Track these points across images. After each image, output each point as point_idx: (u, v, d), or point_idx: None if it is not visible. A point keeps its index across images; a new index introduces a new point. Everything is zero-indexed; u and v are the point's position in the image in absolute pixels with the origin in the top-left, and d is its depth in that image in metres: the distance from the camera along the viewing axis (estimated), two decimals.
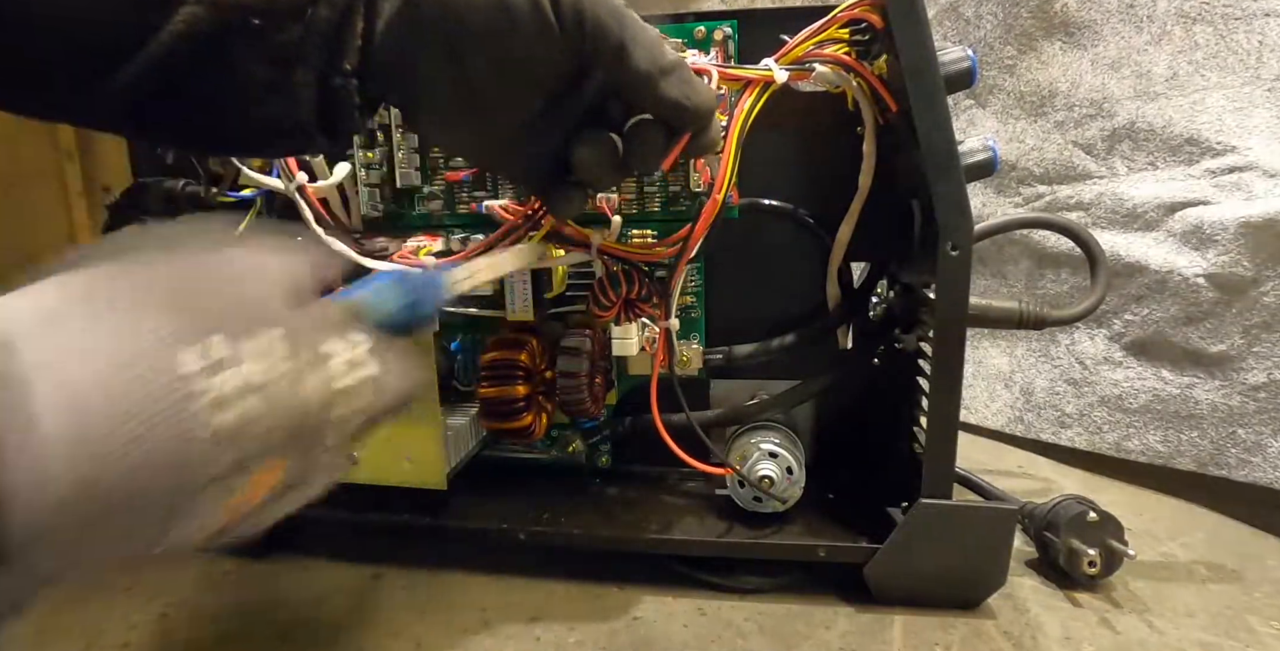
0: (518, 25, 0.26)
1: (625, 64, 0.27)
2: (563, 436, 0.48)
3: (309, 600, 0.41)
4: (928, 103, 0.33)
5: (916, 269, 0.38)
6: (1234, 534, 0.47)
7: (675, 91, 0.28)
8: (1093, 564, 0.39)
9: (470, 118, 0.29)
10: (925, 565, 0.38)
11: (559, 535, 0.41)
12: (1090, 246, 0.41)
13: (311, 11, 0.26)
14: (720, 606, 0.39)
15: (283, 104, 0.26)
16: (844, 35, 0.37)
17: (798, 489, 0.41)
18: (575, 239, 0.39)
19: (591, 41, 0.26)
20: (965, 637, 0.36)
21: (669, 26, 0.40)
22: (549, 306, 0.43)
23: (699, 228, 0.36)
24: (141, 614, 0.40)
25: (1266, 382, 0.48)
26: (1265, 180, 0.48)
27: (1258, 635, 0.36)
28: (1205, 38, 0.52)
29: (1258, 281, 0.48)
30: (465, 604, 0.40)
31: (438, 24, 0.26)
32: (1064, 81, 0.57)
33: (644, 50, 0.27)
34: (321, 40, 0.26)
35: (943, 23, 0.63)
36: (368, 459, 0.41)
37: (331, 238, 0.40)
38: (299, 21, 0.25)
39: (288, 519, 0.22)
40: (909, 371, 0.40)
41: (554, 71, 0.28)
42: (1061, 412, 0.57)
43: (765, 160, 0.42)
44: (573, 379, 0.40)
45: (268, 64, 0.26)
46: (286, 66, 0.26)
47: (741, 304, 0.45)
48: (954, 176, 0.34)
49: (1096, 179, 0.56)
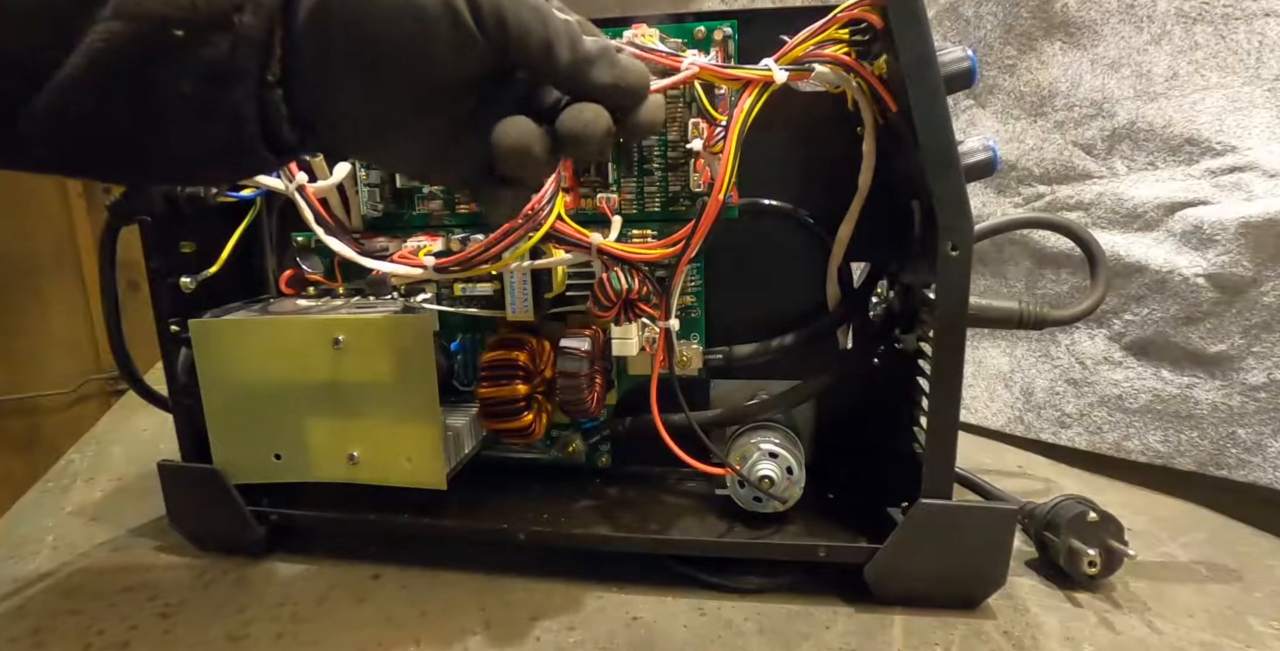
0: (436, 35, 0.25)
1: (552, 59, 0.26)
2: (563, 436, 0.48)
3: (309, 600, 0.41)
4: (928, 103, 0.33)
5: (916, 269, 0.38)
6: (1234, 534, 0.47)
7: (606, 76, 0.27)
8: (1093, 564, 0.39)
9: (393, 128, 0.28)
10: (925, 565, 0.38)
11: (559, 535, 0.41)
12: (1090, 246, 0.41)
13: (238, 19, 0.23)
14: (720, 606, 0.39)
15: (222, 125, 0.24)
16: (844, 35, 0.37)
17: (798, 489, 0.41)
18: (575, 239, 0.39)
19: (515, 43, 0.26)
20: (965, 637, 0.36)
21: (669, 26, 0.40)
22: (549, 306, 0.43)
23: (700, 228, 0.36)
24: (141, 614, 0.40)
25: (1266, 382, 0.48)
26: (1265, 180, 0.48)
27: (1258, 635, 0.36)
28: (1205, 38, 0.52)
29: (1258, 281, 0.48)
30: (465, 604, 0.40)
31: (350, 33, 0.25)
32: (1064, 81, 0.57)
33: (567, 42, 0.26)
34: (254, 51, 0.24)
35: (943, 23, 0.63)
36: (368, 459, 0.41)
37: (331, 238, 0.40)
38: (226, 31, 0.23)
39: (288, 519, 0.22)
40: (909, 371, 0.40)
41: (477, 74, 0.27)
42: (1061, 412, 0.57)
43: (765, 160, 0.42)
44: (573, 379, 0.40)
45: (199, 81, 0.23)
46: (220, 83, 0.24)
47: (741, 304, 0.45)
48: (954, 176, 0.34)
49: (1096, 179, 0.56)
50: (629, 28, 0.39)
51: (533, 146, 0.27)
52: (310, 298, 0.46)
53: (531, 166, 0.28)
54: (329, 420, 0.41)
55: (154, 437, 0.64)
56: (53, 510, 0.52)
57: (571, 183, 0.42)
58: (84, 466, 0.60)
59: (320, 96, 0.26)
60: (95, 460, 0.61)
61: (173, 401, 0.44)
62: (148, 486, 0.50)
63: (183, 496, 0.45)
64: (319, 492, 0.44)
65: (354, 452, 0.41)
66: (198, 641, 0.37)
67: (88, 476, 0.58)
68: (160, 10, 0.22)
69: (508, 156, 0.27)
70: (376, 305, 0.42)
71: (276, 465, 0.42)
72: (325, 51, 0.25)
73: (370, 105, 0.26)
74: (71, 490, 0.55)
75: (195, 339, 0.41)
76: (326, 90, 0.26)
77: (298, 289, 0.47)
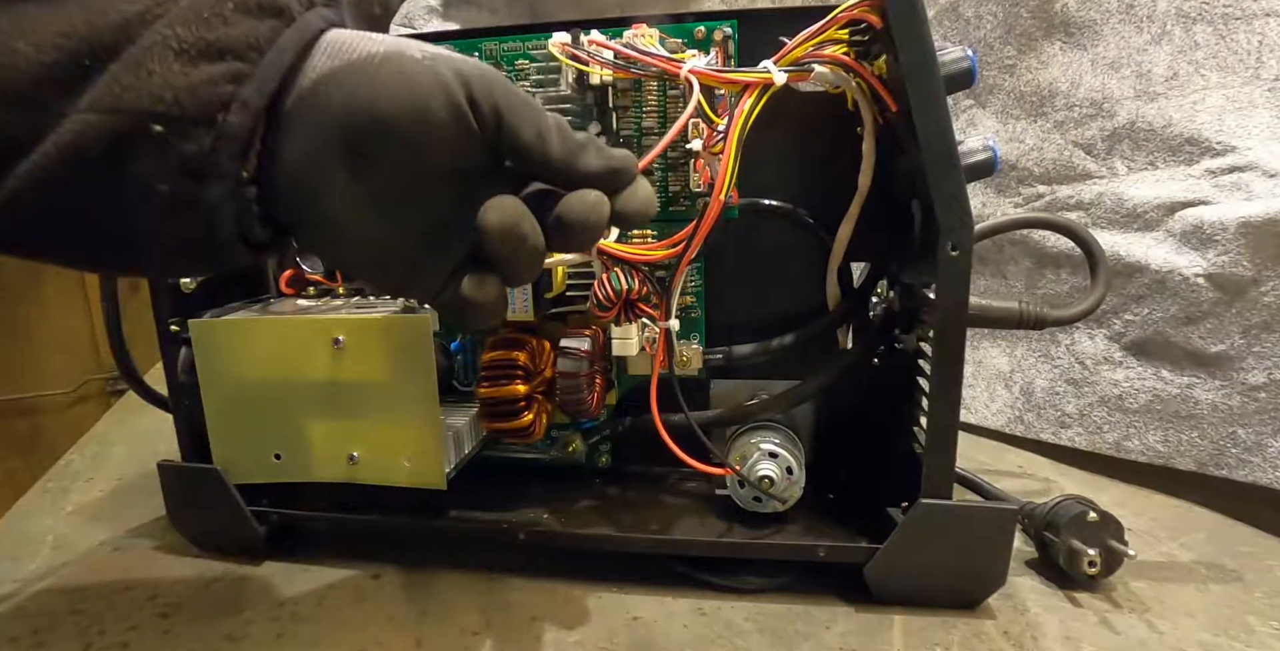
0: (437, 131, 0.25)
1: (547, 149, 0.26)
2: (563, 436, 0.48)
3: (309, 600, 0.41)
4: (928, 103, 0.33)
5: (916, 269, 0.38)
6: (1234, 534, 0.47)
7: (596, 162, 0.27)
8: (1093, 564, 0.39)
9: (377, 222, 0.26)
10: (925, 565, 0.38)
11: (559, 535, 0.41)
12: (1090, 246, 0.41)
13: (223, 118, 0.22)
14: (720, 606, 0.39)
15: (197, 222, 0.24)
16: (843, 36, 0.37)
17: (798, 489, 0.41)
18: None
19: (509, 133, 0.26)
20: (965, 637, 0.36)
21: (669, 26, 0.40)
22: (549, 306, 0.43)
23: (702, 229, 0.36)
24: (141, 614, 0.40)
25: (1266, 383, 0.48)
26: (1265, 180, 0.48)
27: (1258, 635, 0.36)
28: (1205, 38, 0.52)
29: (1258, 281, 0.48)
30: (465, 604, 0.40)
31: (345, 124, 0.24)
32: (1064, 81, 0.57)
33: (557, 134, 0.26)
34: (236, 149, 0.23)
35: (943, 23, 0.63)
36: (368, 459, 0.41)
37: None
38: (209, 129, 0.22)
39: (288, 519, 0.22)
40: (909, 371, 0.40)
41: (468, 167, 0.27)
42: (1061, 412, 0.57)
43: (765, 160, 0.42)
44: (573, 379, 0.40)
45: (176, 177, 0.23)
46: (197, 180, 0.23)
47: (741, 304, 0.45)
48: (954, 176, 0.34)
49: (1096, 179, 0.56)
50: (629, 28, 0.39)
51: (521, 223, 0.26)
52: (310, 298, 0.46)
53: (521, 247, 0.27)
54: (329, 420, 0.41)
55: (154, 437, 0.64)
56: (53, 510, 0.52)
57: None
58: (84, 466, 0.60)
59: (299, 191, 0.25)
60: (95, 460, 0.61)
61: (173, 401, 0.44)
62: (148, 486, 0.50)
63: (183, 496, 0.45)
64: (319, 492, 0.44)
65: (354, 453, 0.41)
66: (198, 641, 0.37)
67: (88, 476, 0.58)
68: (139, 105, 0.22)
69: (495, 233, 0.26)
70: (376, 305, 0.42)
71: (276, 465, 0.42)
72: (312, 144, 0.24)
73: (354, 198, 0.26)
74: (71, 490, 0.55)
75: (195, 339, 0.41)
76: (306, 185, 0.25)
77: (298, 289, 0.47)
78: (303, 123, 0.24)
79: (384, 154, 0.25)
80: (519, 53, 0.43)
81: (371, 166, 0.25)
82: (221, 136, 0.23)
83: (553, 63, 0.39)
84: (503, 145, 0.26)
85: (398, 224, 0.27)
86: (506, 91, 0.26)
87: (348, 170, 0.25)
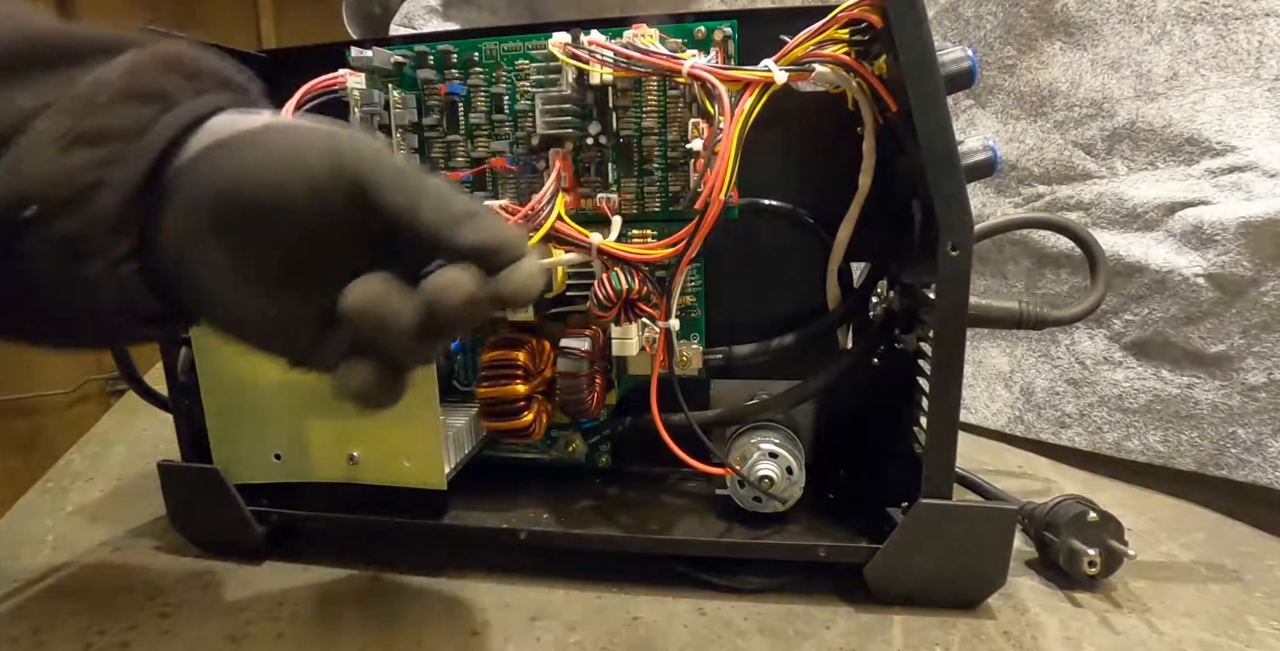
0: (296, 204, 0.25)
1: (415, 223, 0.25)
2: (563, 436, 0.48)
3: (309, 600, 0.41)
4: (928, 103, 0.33)
5: (916, 269, 0.38)
6: (1234, 534, 0.47)
7: (473, 236, 0.25)
8: (1093, 564, 0.39)
9: (262, 298, 0.26)
10: (925, 565, 0.38)
11: (559, 535, 0.41)
12: (1090, 246, 0.41)
13: (94, 199, 0.23)
14: (720, 606, 0.39)
15: (86, 297, 0.25)
16: (844, 35, 0.37)
17: (798, 489, 0.41)
18: (575, 239, 0.39)
19: (377, 208, 0.25)
20: (965, 637, 0.36)
21: (669, 26, 0.40)
22: (549, 306, 0.43)
23: (702, 229, 0.36)
24: (141, 614, 0.40)
25: (1266, 383, 0.48)
26: (1265, 180, 0.48)
27: (1258, 635, 0.36)
28: (1205, 38, 0.52)
29: (1258, 281, 0.48)
30: (465, 604, 0.40)
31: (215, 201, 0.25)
32: (1064, 81, 0.57)
33: (432, 202, 0.25)
34: (109, 230, 0.24)
35: (942, 23, 0.63)
36: (368, 459, 0.41)
37: None
38: (81, 209, 0.23)
39: (288, 519, 0.22)
40: (909, 371, 0.40)
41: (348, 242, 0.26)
42: (1061, 412, 0.57)
43: (765, 160, 0.42)
44: (573, 379, 0.40)
45: (56, 256, 0.23)
46: (76, 257, 0.24)
47: (741, 304, 0.45)
48: (954, 176, 0.34)
49: (1096, 179, 0.56)
50: (629, 28, 0.39)
51: (382, 306, 0.25)
52: None
53: (384, 332, 0.25)
54: (329, 420, 0.41)
55: (154, 437, 0.64)
56: (53, 510, 0.52)
57: (571, 183, 0.42)
58: (84, 466, 0.60)
59: (180, 265, 0.25)
60: (95, 460, 0.61)
61: (173, 401, 0.44)
62: (148, 486, 0.50)
63: (183, 496, 0.45)
64: (319, 493, 0.44)
65: (354, 453, 0.41)
66: (198, 641, 0.37)
67: (88, 476, 0.58)
68: (16, 186, 0.23)
69: (352, 315, 0.25)
70: None
71: (276, 465, 0.42)
72: (186, 220, 0.25)
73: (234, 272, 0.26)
74: (71, 490, 0.55)
75: (195, 339, 0.41)
76: (185, 258, 0.25)
77: None
78: (178, 199, 0.25)
79: (254, 229, 0.25)
80: (519, 53, 0.43)
81: (246, 241, 0.25)
82: (94, 216, 0.24)
83: (553, 62, 0.39)
84: (373, 216, 0.25)
85: (281, 299, 0.27)
86: (375, 161, 0.25)
87: (225, 245, 0.25)
